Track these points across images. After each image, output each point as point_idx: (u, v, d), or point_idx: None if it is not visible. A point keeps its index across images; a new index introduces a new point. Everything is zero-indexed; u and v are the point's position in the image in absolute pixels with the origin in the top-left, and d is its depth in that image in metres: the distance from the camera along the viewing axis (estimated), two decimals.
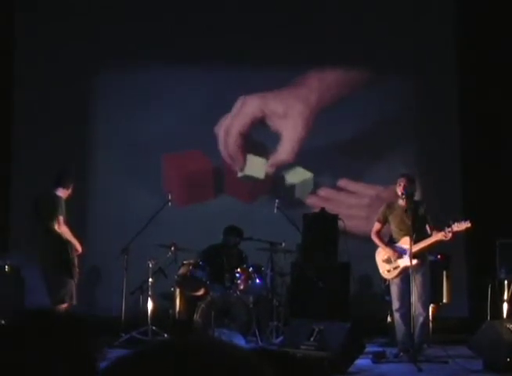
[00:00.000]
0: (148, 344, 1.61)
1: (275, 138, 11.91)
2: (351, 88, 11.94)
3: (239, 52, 11.79)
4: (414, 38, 11.83)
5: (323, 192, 11.85)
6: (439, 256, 10.03)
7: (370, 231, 9.14)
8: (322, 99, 11.92)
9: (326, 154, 11.75)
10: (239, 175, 11.85)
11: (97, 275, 11.32)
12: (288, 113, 11.89)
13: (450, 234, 8.43)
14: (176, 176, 11.84)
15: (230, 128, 11.82)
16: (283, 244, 10.16)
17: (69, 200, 9.62)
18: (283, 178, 11.90)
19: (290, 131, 11.89)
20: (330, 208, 10.93)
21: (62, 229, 9.36)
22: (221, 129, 11.80)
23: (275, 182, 11.86)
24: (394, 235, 8.95)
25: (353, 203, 11.72)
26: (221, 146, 11.83)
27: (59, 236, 9.34)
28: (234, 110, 11.84)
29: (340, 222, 10.53)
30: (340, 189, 11.87)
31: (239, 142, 11.86)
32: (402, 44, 11.82)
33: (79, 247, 9.48)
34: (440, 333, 9.82)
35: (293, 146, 11.85)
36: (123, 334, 9.50)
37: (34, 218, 9.58)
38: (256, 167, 11.86)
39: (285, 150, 11.86)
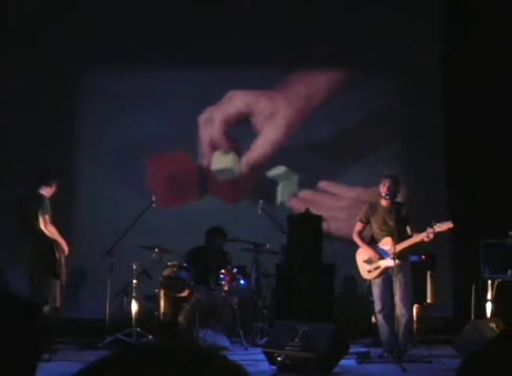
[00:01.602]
0: (127, 346, 1.60)
1: (254, 136, 11.91)
2: (334, 89, 11.95)
3: (224, 54, 11.78)
4: (398, 39, 11.86)
5: (304, 194, 11.86)
6: (423, 256, 10.06)
7: (351, 233, 9.14)
8: (309, 101, 11.93)
9: (307, 155, 11.77)
10: (212, 168, 11.83)
11: (81, 277, 11.28)
12: (274, 115, 11.89)
13: (432, 235, 8.44)
14: (160, 178, 11.83)
15: (214, 115, 11.82)
16: (268, 245, 10.17)
17: (53, 198, 9.56)
18: (267, 179, 11.90)
19: (270, 131, 11.88)
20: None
21: (48, 228, 9.28)
22: (203, 117, 11.81)
23: (259, 183, 11.86)
24: (376, 236, 8.95)
25: (334, 205, 11.73)
26: (201, 132, 11.83)
27: (45, 236, 9.25)
28: (222, 101, 11.84)
29: (324, 223, 10.54)
30: (321, 191, 11.88)
31: (223, 129, 11.85)
32: (386, 44, 11.84)
33: (66, 247, 9.42)
34: (425, 333, 9.84)
35: (270, 146, 11.84)
36: (107, 336, 9.47)
37: (19, 218, 9.49)
38: (225, 163, 11.84)
39: (261, 149, 11.85)
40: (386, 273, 8.69)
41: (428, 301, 10.30)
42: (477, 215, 10.74)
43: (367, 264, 8.88)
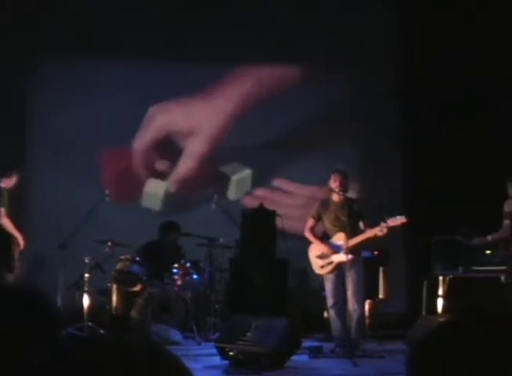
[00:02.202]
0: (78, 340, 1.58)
1: (178, 154, 11.90)
2: (288, 85, 11.97)
3: (172, 49, 11.68)
4: (354, 35, 11.90)
5: (258, 192, 11.87)
6: (376, 252, 10.12)
7: (303, 230, 9.14)
8: (260, 97, 11.94)
9: (262, 153, 11.77)
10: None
11: (33, 270, 11.16)
12: (194, 130, 11.86)
13: (386, 229, 8.48)
14: (114, 172, 11.75)
15: (138, 145, 11.77)
16: (222, 240, 10.16)
17: (13, 190, 9.44)
18: (221, 174, 11.88)
19: (194, 146, 11.87)
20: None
21: (3, 221, 9.17)
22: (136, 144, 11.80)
23: (213, 178, 11.84)
24: (329, 232, 8.97)
25: (288, 203, 11.74)
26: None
27: (0, 229, 9.15)
28: (144, 123, 11.81)
29: (278, 219, 10.56)
30: (275, 189, 11.90)
31: (144, 161, 11.82)
32: (343, 41, 11.88)
33: (21, 241, 9.31)
34: (377, 328, 9.89)
35: (195, 161, 11.83)
36: None
37: None
38: (155, 190, 11.79)
39: (186, 166, 11.83)
40: (339, 269, 8.72)
41: (380, 296, 10.37)
42: (429, 212, 10.82)
43: (320, 259, 8.90)
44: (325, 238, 8.98)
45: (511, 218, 9.20)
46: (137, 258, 9.84)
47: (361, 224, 8.76)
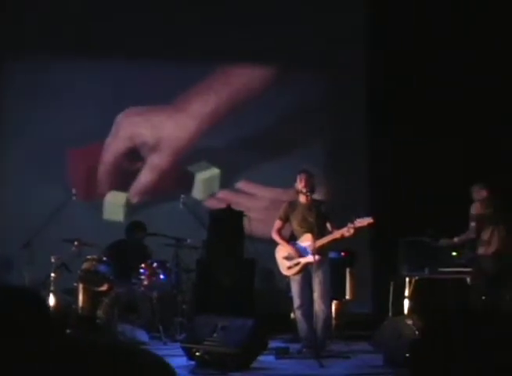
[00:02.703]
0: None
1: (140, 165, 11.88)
2: (256, 87, 11.99)
3: (145, 48, 11.67)
4: (323, 38, 11.93)
5: (221, 194, 11.87)
6: (343, 253, 10.15)
7: (269, 232, 9.13)
8: (227, 97, 11.94)
9: (228, 154, 11.77)
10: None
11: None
12: (159, 143, 11.83)
13: (353, 230, 8.50)
14: (82, 171, 11.69)
15: (104, 154, 11.74)
16: (189, 240, 10.14)
17: None
18: (189, 174, 11.86)
19: (156, 158, 11.87)
20: None
21: None
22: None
23: (181, 178, 11.82)
24: (296, 233, 8.96)
25: (251, 205, 11.73)
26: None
27: None
28: (112, 132, 11.77)
29: (245, 220, 10.57)
30: (238, 192, 11.90)
31: (108, 172, 11.79)
32: (310, 42, 11.90)
33: None
34: (343, 329, 9.94)
35: (154, 173, 11.83)
36: None
37: None
38: (116, 202, 11.75)
39: (145, 178, 11.81)
40: (305, 270, 8.73)
41: (347, 297, 10.40)
42: (396, 213, 10.87)
43: (287, 260, 8.90)
44: (292, 239, 8.98)
45: (477, 220, 9.27)
46: (104, 258, 9.78)
47: (328, 225, 8.77)
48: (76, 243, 9.71)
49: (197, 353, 7.93)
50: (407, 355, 7.87)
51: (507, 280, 9.55)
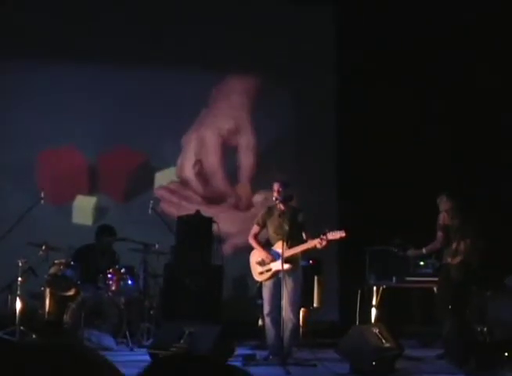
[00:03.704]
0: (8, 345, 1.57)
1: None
2: (234, 96, 12.06)
3: (123, 52, 11.67)
4: (294, 51, 12.00)
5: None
6: (311, 261, 10.17)
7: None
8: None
9: None
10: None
11: None
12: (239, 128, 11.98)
13: (325, 242, 8.55)
14: (50, 173, 11.63)
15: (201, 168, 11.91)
16: (157, 246, 10.10)
17: None
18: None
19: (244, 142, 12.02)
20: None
21: None
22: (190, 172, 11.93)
23: (150, 183, 11.83)
24: (271, 239, 8.99)
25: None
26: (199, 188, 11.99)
27: None
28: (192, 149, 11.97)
29: (214, 225, 10.58)
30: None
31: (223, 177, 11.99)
32: (284, 55, 11.96)
33: None
34: (310, 336, 9.96)
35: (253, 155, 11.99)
36: None
37: None
38: (84, 206, 11.74)
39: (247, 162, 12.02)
40: (277, 276, 8.73)
41: (315, 305, 10.43)
42: (364, 222, 10.92)
43: (259, 266, 8.92)
44: (269, 245, 9.01)
45: (444, 230, 9.33)
46: (71, 263, 9.74)
47: (304, 234, 8.81)
48: (43, 247, 9.66)
49: None
50: (373, 363, 7.94)
51: (473, 290, 9.64)
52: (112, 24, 11.65)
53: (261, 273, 8.92)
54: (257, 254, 8.99)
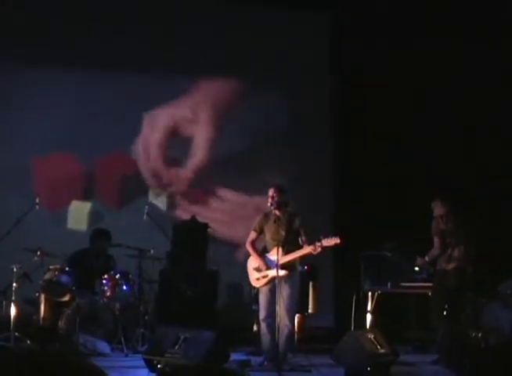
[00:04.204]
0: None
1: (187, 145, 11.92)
2: (228, 100, 12.04)
3: (116, 57, 11.67)
4: (289, 53, 12.00)
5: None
6: (306, 267, 10.16)
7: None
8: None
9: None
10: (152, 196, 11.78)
11: None
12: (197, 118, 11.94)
13: (319, 249, 8.54)
14: (46, 179, 11.62)
15: (147, 145, 11.75)
16: (152, 251, 10.09)
17: None
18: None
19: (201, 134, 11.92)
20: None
21: None
22: (138, 149, 11.77)
23: (145, 188, 11.83)
24: (268, 245, 8.98)
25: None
26: (144, 164, 11.85)
27: None
28: (143, 129, 11.80)
29: (209, 230, 10.59)
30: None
31: (160, 155, 11.80)
32: (278, 57, 11.96)
33: None
34: (306, 342, 9.95)
35: (207, 148, 11.88)
36: None
37: None
38: (79, 211, 11.70)
39: (200, 153, 11.85)
40: (273, 283, 8.73)
41: (310, 310, 10.42)
42: (359, 227, 10.92)
43: (256, 272, 8.92)
44: (265, 251, 9.01)
45: (439, 235, 9.35)
46: (66, 268, 9.72)
47: (300, 240, 8.80)
48: (38, 252, 9.64)
49: (159, 365, 7.90)
50: (368, 369, 7.94)
51: (468, 295, 9.65)
52: (112, 27, 11.65)
53: (258, 279, 8.92)
54: (254, 261, 8.99)
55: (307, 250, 8.63)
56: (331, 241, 8.58)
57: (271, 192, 8.80)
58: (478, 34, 11.49)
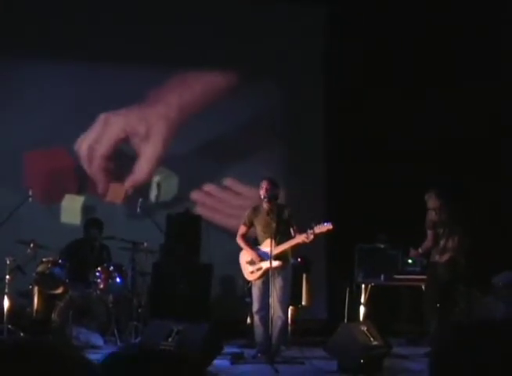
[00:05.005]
0: None
1: (134, 158, 11.81)
2: (218, 93, 12.01)
3: (103, 52, 11.61)
4: (281, 45, 11.97)
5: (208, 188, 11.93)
6: (299, 259, 10.17)
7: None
8: (189, 104, 11.94)
9: (193, 158, 11.77)
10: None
11: None
12: (148, 133, 11.81)
13: (312, 236, 8.54)
14: (39, 173, 11.59)
15: (93, 150, 11.66)
16: (146, 244, 10.09)
17: None
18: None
19: (149, 150, 11.82)
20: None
21: None
22: (82, 149, 11.63)
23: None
24: (259, 238, 8.99)
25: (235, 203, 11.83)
26: (84, 166, 11.68)
27: None
28: (96, 129, 11.68)
29: (203, 223, 10.60)
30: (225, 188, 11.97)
31: (103, 165, 11.69)
32: (269, 50, 11.93)
33: None
34: (299, 335, 9.97)
35: (151, 165, 11.80)
36: None
37: None
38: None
39: (142, 169, 11.78)
40: (267, 275, 8.74)
41: (303, 303, 10.43)
42: (351, 220, 10.91)
43: (250, 265, 8.93)
44: (256, 244, 9.01)
45: (433, 228, 9.37)
46: (59, 261, 9.72)
47: (291, 231, 8.80)
48: (31, 245, 9.63)
49: None
50: (361, 361, 7.95)
51: (461, 288, 9.67)
52: (109, 24, 11.62)
53: (252, 273, 8.93)
54: (246, 254, 9.00)
55: (300, 238, 8.64)
56: (323, 228, 8.59)
57: (264, 184, 8.80)
58: (478, 34, 11.48)
